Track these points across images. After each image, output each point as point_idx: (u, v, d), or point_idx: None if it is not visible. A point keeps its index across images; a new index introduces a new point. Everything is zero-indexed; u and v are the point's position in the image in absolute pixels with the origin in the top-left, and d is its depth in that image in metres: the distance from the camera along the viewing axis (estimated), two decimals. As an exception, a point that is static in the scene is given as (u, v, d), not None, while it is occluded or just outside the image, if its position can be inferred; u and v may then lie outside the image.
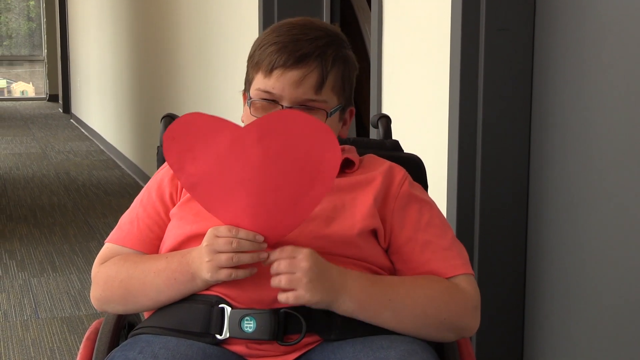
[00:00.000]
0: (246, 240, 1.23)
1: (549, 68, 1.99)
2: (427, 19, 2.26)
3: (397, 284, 1.31)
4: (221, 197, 1.25)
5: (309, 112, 1.36)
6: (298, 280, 1.22)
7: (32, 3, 14.06)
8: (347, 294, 1.25)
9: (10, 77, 14.20)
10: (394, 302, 1.28)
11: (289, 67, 1.35)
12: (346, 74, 1.42)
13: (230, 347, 1.28)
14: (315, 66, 1.36)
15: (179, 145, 1.25)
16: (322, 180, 1.23)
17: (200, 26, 4.57)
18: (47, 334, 2.98)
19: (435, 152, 2.20)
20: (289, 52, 1.36)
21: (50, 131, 9.13)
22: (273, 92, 1.37)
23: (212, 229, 1.26)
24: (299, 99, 1.36)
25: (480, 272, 2.10)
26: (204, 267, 1.25)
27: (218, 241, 1.24)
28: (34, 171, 6.45)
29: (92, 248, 4.16)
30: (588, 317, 1.91)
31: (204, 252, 1.25)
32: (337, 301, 1.25)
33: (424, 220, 1.39)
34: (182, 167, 1.26)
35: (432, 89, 2.23)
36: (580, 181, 1.91)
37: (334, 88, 1.39)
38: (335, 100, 1.40)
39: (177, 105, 5.11)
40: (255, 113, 1.39)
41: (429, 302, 1.30)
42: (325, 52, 1.38)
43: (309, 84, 1.36)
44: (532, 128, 2.06)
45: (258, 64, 1.39)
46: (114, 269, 1.38)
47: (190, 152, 1.25)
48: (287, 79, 1.36)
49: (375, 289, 1.28)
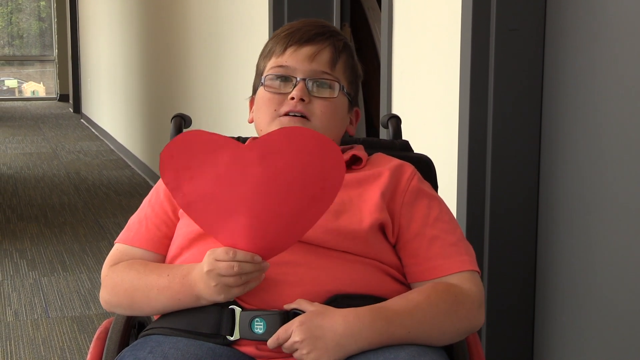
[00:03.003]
0: (245, 263, 1.22)
1: (559, 68, 1.99)
2: (437, 19, 2.25)
3: (411, 312, 1.26)
4: (218, 217, 1.23)
5: (322, 86, 1.40)
6: (302, 356, 1.20)
7: (42, 3, 14.11)
8: (367, 343, 1.22)
9: (21, 77, 14.26)
10: (412, 333, 1.25)
11: (303, 43, 1.40)
12: (354, 69, 1.46)
13: (240, 348, 1.28)
14: (328, 44, 1.40)
15: (176, 164, 1.22)
16: (323, 198, 1.22)
17: (210, 26, 4.57)
18: (58, 333, 2.99)
19: (445, 152, 2.20)
20: (302, 33, 1.40)
21: (60, 131, 9.16)
22: (287, 65, 1.39)
23: (210, 253, 1.24)
24: (313, 71, 1.39)
25: (491, 272, 2.09)
26: (212, 291, 1.24)
27: (219, 265, 1.22)
28: (45, 171, 6.47)
29: (102, 248, 4.17)
30: (598, 317, 1.90)
31: (207, 277, 1.24)
32: (352, 350, 1.22)
33: (433, 215, 1.39)
34: (179, 186, 1.23)
35: (442, 89, 2.23)
36: (591, 181, 1.90)
37: (345, 72, 1.43)
38: (347, 85, 1.42)
39: (187, 105, 5.12)
40: (269, 88, 1.41)
41: (445, 319, 1.28)
42: (336, 36, 1.43)
43: (323, 59, 1.40)
44: (543, 128, 2.06)
45: (271, 51, 1.43)
46: (119, 276, 1.38)
47: (187, 171, 1.22)
48: (302, 54, 1.39)
49: (392, 328, 1.24)
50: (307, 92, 1.39)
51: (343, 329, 1.21)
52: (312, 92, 1.39)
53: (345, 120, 1.46)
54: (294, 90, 1.39)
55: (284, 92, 1.40)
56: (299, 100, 1.38)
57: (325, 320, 1.22)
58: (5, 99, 13.22)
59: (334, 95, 1.40)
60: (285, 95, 1.39)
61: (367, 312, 1.24)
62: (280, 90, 1.40)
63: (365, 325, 1.22)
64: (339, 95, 1.41)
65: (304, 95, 1.38)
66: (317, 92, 1.40)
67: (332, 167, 1.20)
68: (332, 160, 1.20)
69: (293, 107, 1.38)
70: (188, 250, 1.37)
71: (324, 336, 1.21)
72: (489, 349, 2.12)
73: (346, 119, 1.46)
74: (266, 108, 1.41)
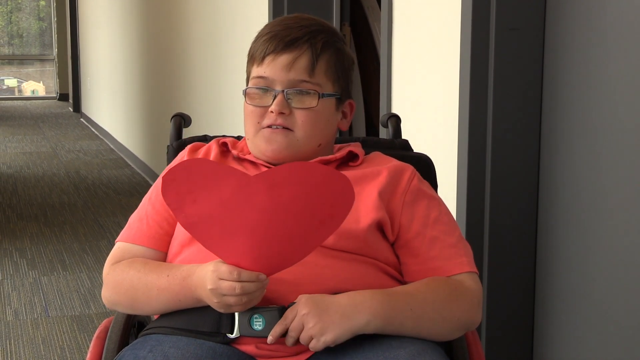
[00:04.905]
0: (249, 283, 1.22)
1: (559, 67, 1.99)
2: (437, 19, 2.25)
3: (413, 292, 1.31)
4: (222, 238, 1.22)
5: (301, 95, 1.39)
6: (309, 330, 1.22)
7: (42, 3, 14.11)
8: (371, 313, 1.24)
9: (21, 76, 14.25)
10: (414, 310, 1.28)
11: (280, 52, 1.39)
12: (339, 62, 1.44)
13: (240, 347, 1.28)
14: (306, 49, 1.39)
15: (178, 187, 1.21)
16: (331, 224, 1.22)
17: (210, 25, 4.58)
18: (57, 333, 2.99)
19: (445, 151, 2.20)
20: (279, 39, 1.39)
21: (60, 130, 9.16)
22: (265, 76, 1.39)
23: (214, 270, 1.23)
24: (291, 81, 1.39)
25: (490, 272, 2.09)
26: (214, 305, 1.25)
27: (222, 285, 1.22)
28: (45, 170, 6.47)
29: (102, 247, 4.17)
30: (598, 317, 1.90)
31: (209, 294, 1.24)
32: (360, 324, 1.24)
33: (432, 216, 1.40)
34: (181, 207, 1.22)
35: (442, 89, 2.23)
36: (590, 181, 1.90)
37: (327, 73, 1.41)
38: (329, 87, 1.42)
39: (187, 105, 5.12)
40: (250, 101, 1.42)
41: (444, 305, 1.31)
42: (316, 36, 1.40)
43: (300, 67, 1.38)
44: (542, 128, 2.06)
45: (253, 56, 1.43)
46: (120, 275, 1.39)
47: (190, 194, 1.21)
48: (279, 64, 1.38)
49: (395, 302, 1.27)
50: (286, 104, 1.39)
51: (347, 301, 1.24)
52: (292, 104, 1.39)
53: (332, 121, 1.45)
54: (273, 104, 1.39)
55: (264, 105, 1.41)
56: (279, 114, 1.39)
57: (328, 297, 1.25)
58: (5, 99, 13.21)
59: (313, 104, 1.39)
60: (266, 108, 1.40)
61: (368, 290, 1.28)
62: (261, 103, 1.41)
63: (367, 297, 1.26)
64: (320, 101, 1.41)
65: (283, 109, 1.39)
66: (297, 102, 1.39)
67: (341, 195, 1.21)
68: (341, 189, 1.20)
69: (274, 121, 1.39)
70: (189, 247, 1.37)
71: (329, 309, 1.23)
72: (489, 349, 2.12)
73: (334, 119, 1.45)
74: (249, 120, 1.43)
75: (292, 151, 1.40)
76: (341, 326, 1.22)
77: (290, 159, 1.40)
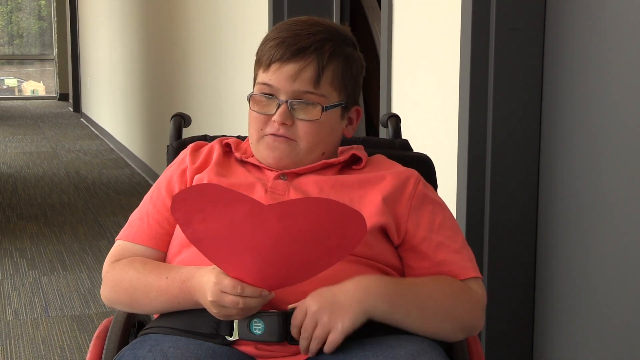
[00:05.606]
0: (252, 298, 1.22)
1: (559, 67, 1.99)
2: (437, 19, 2.25)
3: (418, 283, 1.32)
4: (228, 254, 1.21)
5: (305, 106, 1.38)
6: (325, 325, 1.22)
7: (42, 2, 14.11)
8: (379, 296, 1.25)
9: (21, 76, 14.25)
10: (419, 299, 1.29)
11: (285, 60, 1.37)
12: (347, 71, 1.42)
13: (239, 348, 1.28)
14: (312, 60, 1.37)
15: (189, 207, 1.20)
16: (338, 252, 1.22)
17: (210, 25, 4.57)
18: (57, 332, 2.99)
19: (444, 151, 2.20)
20: (286, 46, 1.37)
21: (60, 130, 9.16)
22: (271, 84, 1.38)
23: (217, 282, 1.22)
24: (295, 92, 1.38)
25: (490, 272, 2.09)
26: (213, 314, 1.25)
27: (224, 298, 1.22)
28: (45, 170, 6.47)
29: (102, 247, 4.17)
30: (598, 317, 1.90)
31: (210, 305, 1.24)
32: (369, 308, 1.24)
33: (437, 221, 1.40)
34: (189, 222, 1.20)
35: (442, 89, 2.23)
36: (590, 181, 1.90)
37: (333, 83, 1.39)
38: (335, 97, 1.40)
39: (187, 104, 5.12)
40: (254, 107, 1.41)
41: (449, 300, 1.32)
42: (323, 46, 1.38)
43: (305, 78, 1.37)
44: (542, 127, 2.06)
45: (259, 60, 1.42)
46: (120, 274, 1.39)
47: (200, 214, 1.19)
48: (284, 73, 1.37)
49: (402, 288, 1.29)
50: (289, 115, 1.38)
51: (354, 287, 1.24)
52: (295, 114, 1.38)
53: (337, 129, 1.44)
54: (276, 113, 1.38)
55: (268, 113, 1.40)
56: (281, 124, 1.38)
57: (333, 287, 1.25)
58: (5, 98, 13.21)
59: (317, 117, 1.38)
60: (270, 116, 1.39)
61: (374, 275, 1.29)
62: (264, 111, 1.40)
63: (373, 281, 1.26)
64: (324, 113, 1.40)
65: (285, 120, 1.38)
66: (300, 113, 1.38)
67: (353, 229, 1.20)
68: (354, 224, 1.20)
69: (276, 131, 1.39)
70: (188, 248, 1.37)
71: (338, 299, 1.23)
72: (489, 349, 2.12)
73: (338, 127, 1.45)
74: (253, 125, 1.43)
75: (295, 160, 1.40)
76: (354, 310, 1.22)
77: (292, 166, 1.40)
